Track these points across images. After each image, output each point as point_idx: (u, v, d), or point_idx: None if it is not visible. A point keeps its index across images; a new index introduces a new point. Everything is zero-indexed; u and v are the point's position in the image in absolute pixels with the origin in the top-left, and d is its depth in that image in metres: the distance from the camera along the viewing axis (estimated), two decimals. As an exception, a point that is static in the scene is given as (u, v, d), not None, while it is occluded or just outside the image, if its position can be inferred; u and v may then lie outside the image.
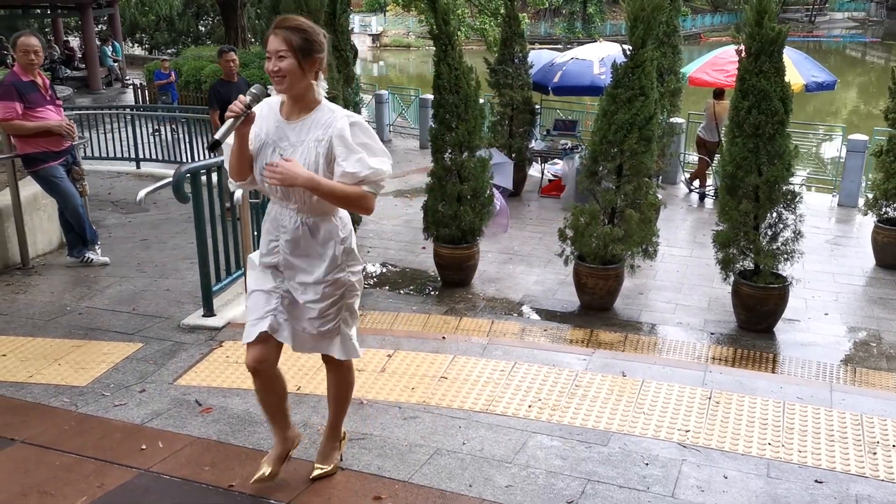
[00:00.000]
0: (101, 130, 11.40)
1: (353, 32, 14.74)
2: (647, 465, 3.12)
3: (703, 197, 12.75)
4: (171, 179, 4.59)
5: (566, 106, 15.98)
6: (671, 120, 12.24)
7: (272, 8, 19.50)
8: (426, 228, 8.98)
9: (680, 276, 9.08)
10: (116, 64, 25.81)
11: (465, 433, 3.38)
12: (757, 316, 7.27)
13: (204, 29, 32.10)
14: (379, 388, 3.84)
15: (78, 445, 3.28)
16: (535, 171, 13.69)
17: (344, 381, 3.09)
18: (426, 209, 8.94)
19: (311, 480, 3.01)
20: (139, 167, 10.78)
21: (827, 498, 2.93)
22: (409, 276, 9.49)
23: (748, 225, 7.06)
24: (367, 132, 2.71)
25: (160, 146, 12.33)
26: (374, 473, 3.08)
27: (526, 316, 8.24)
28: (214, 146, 2.62)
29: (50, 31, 27.07)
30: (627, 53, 7.47)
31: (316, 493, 2.95)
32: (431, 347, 4.34)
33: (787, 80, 6.84)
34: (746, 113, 6.82)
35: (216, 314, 4.76)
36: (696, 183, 13.00)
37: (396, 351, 4.28)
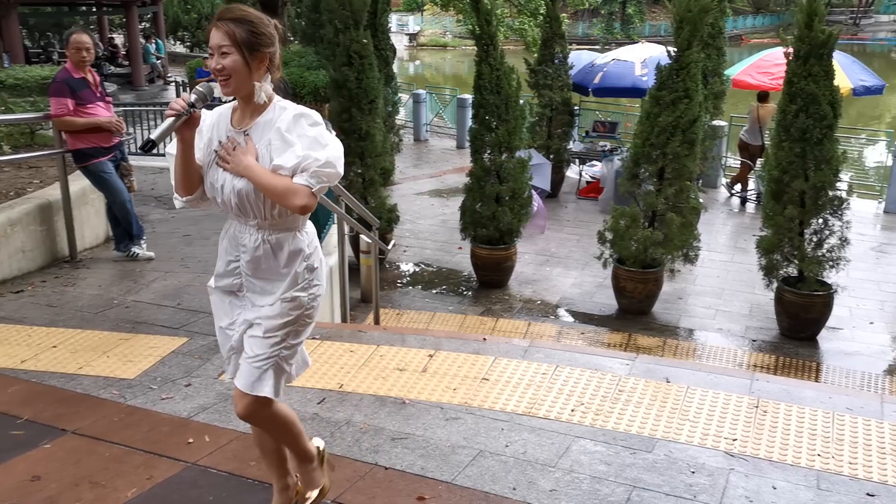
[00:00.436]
0: (144, 126, 11.59)
1: (390, 32, 14.78)
2: (693, 473, 3.08)
3: (744, 201, 12.58)
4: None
5: (605, 107, 15.86)
6: (714, 123, 12.09)
7: (313, 7, 19.69)
8: (463, 229, 8.99)
9: (720, 281, 8.97)
10: (159, 61, 26.22)
11: (507, 436, 3.38)
12: (800, 324, 7.16)
13: (244, 27, 32.39)
14: (421, 387, 3.85)
15: (127, 437, 3.34)
16: (572, 172, 13.62)
17: (276, 428, 2.60)
18: (464, 209, 8.94)
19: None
20: (181, 163, 10.90)
21: (879, 512, 2.87)
22: (444, 276, 9.50)
23: (793, 231, 6.95)
24: (314, 125, 2.38)
25: (201, 143, 12.47)
26: (417, 474, 3.08)
27: (563, 318, 8.21)
28: (147, 146, 2.28)
29: (95, 28, 27.55)
30: (672, 55, 7.40)
31: (360, 491, 2.96)
32: (472, 348, 4.34)
33: (835, 83, 6.72)
34: (794, 116, 6.72)
35: (259, 310, 4.80)
36: (737, 187, 12.83)
37: (437, 351, 4.29)
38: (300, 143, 2.33)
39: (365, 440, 3.34)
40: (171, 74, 25.78)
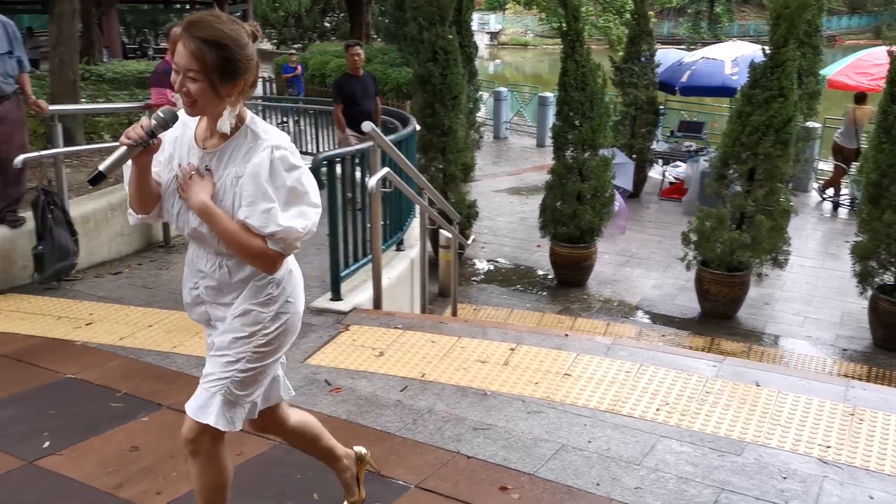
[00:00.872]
0: (232, 120, 11.94)
1: (472, 30, 14.81)
2: (784, 478, 2.99)
3: (836, 206, 12.10)
4: (307, 166, 4.74)
5: (690, 107, 15.51)
6: (807, 124, 11.67)
7: (397, 5, 19.89)
8: (543, 226, 8.95)
9: (810, 287, 8.66)
10: (247, 57, 26.92)
11: (590, 431, 3.34)
12: (897, 334, 6.85)
13: (329, 25, 33.08)
14: (503, 380, 3.85)
15: (218, 414, 3.45)
16: (656, 172, 13.38)
17: (208, 475, 2.28)
18: (544, 207, 8.90)
19: None
20: (267, 156, 11.20)
21: None
22: (522, 273, 9.47)
23: (891, 236, 6.66)
24: (291, 170, 2.06)
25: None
26: (499, 464, 3.08)
27: (643, 320, 8.07)
28: (95, 179, 2.01)
29: (187, 25, 28.51)
30: (767, 52, 7.17)
31: (442, 478, 2.98)
32: (554, 344, 4.31)
33: (943, 83, 6.40)
34: (896, 118, 6.43)
35: (343, 299, 4.89)
36: (829, 191, 12.35)
37: (519, 345, 4.28)
38: (276, 202, 2.03)
39: (447, 429, 3.36)
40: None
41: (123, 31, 29.04)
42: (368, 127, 4.81)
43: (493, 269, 9.69)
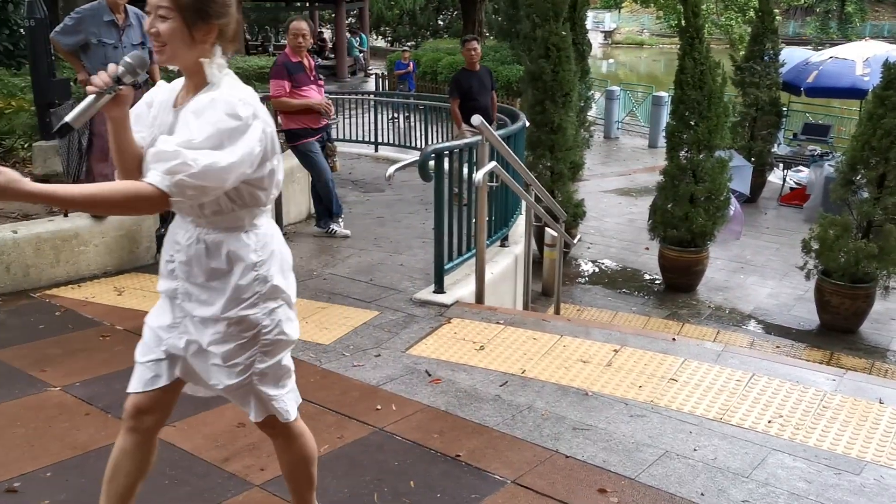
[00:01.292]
0: (345, 115, 12.23)
1: (587, 28, 14.58)
2: (909, 503, 2.78)
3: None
4: (416, 158, 4.79)
5: (815, 109, 14.74)
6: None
7: (510, 3, 19.81)
8: (652, 228, 8.72)
9: (944, 304, 8.06)
10: (362, 54, 27.57)
11: (696, 439, 3.21)
12: None
13: (443, 23, 33.39)
14: (605, 381, 3.76)
15: (321, 397, 3.53)
16: (775, 177, 12.79)
17: (290, 451, 2.32)
18: (654, 208, 8.67)
19: None
20: (377, 150, 11.41)
21: None
22: (629, 275, 9.26)
23: None
24: (232, 116, 1.86)
25: (397, 132, 13.00)
26: (598, 466, 3.01)
27: (756, 330, 7.73)
28: (62, 131, 1.88)
29: (307, 22, 29.43)
30: (904, 51, 6.71)
31: (540, 475, 2.94)
32: (660, 347, 4.18)
33: None
34: None
35: (446, 291, 4.91)
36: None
37: (623, 347, 4.17)
38: (197, 133, 1.84)
39: (546, 426, 3.31)
40: (371, 67, 27.04)
41: (246, 28, 30.29)
42: (477, 120, 4.81)
43: (598, 270, 9.51)
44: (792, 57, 12.20)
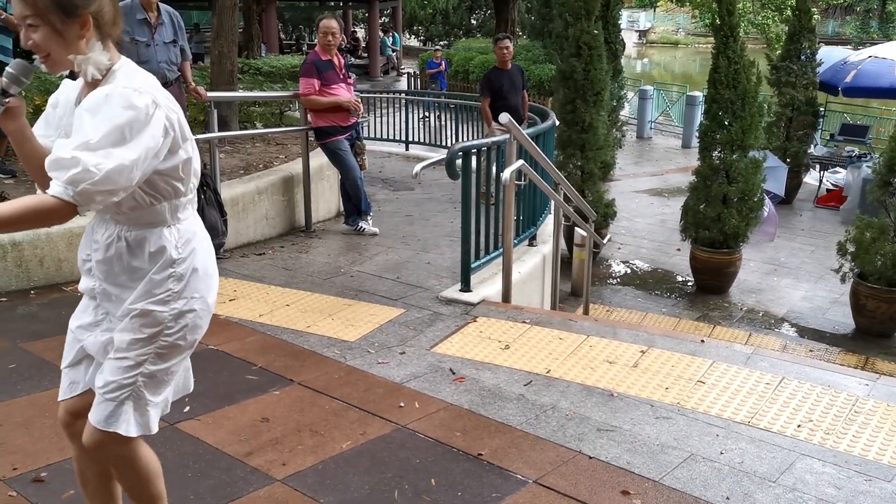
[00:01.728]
0: (376, 114, 12.27)
1: (620, 27, 14.45)
2: (943, 512, 2.70)
3: None
4: (444, 156, 4.78)
5: (853, 109, 14.45)
6: None
7: (543, 1, 19.73)
8: (684, 229, 8.61)
9: (985, 309, 7.84)
10: (394, 54, 27.66)
11: (722, 442, 3.16)
12: None
13: (475, 22, 33.36)
14: (630, 382, 3.71)
15: (345, 394, 3.53)
16: (811, 178, 12.57)
17: (129, 470, 2.07)
18: (686, 209, 8.56)
19: None
20: (408, 149, 11.43)
21: None
22: (659, 276, 9.16)
23: None
24: (128, 107, 1.75)
25: (427, 131, 13.01)
26: (622, 467, 2.97)
27: (789, 333, 7.60)
28: None
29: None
30: (946, 49, 6.55)
31: (562, 476, 2.91)
32: (688, 349, 4.12)
33: None
34: None
35: (472, 290, 4.90)
36: None
37: (650, 348, 4.12)
38: (94, 130, 1.72)
39: (570, 427, 3.28)
40: (403, 66, 27.11)
41: (280, 27, 30.55)
42: (505, 119, 4.78)
43: (628, 270, 9.43)
44: (829, 56, 11.97)
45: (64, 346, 2.11)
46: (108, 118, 1.73)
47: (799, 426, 3.30)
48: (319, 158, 6.72)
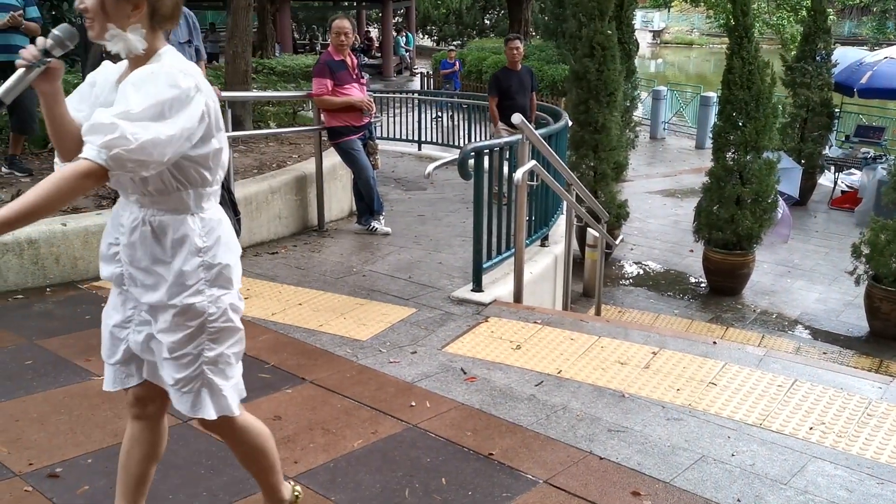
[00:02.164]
0: (389, 114, 12.30)
1: (634, 27, 14.41)
2: (956, 517, 2.69)
3: None
4: (456, 157, 4.79)
5: (869, 111, 14.34)
6: None
7: (557, 2, 19.71)
8: (697, 230, 8.59)
9: None
10: (408, 53, 27.70)
11: (734, 444, 3.16)
12: None
13: (489, 22, 33.35)
14: (642, 383, 3.71)
15: (356, 393, 3.55)
16: (826, 180, 12.50)
17: (242, 445, 2.28)
18: (699, 210, 8.54)
19: None
20: (420, 149, 11.45)
21: None
22: (672, 278, 9.14)
23: None
24: (172, 86, 1.81)
25: (440, 131, 13.02)
26: (633, 468, 2.98)
27: (802, 335, 7.57)
28: None
29: (354, 22, 29.72)
30: (963, 50, 6.49)
31: (573, 476, 2.92)
32: (700, 351, 4.11)
33: None
34: None
35: (484, 290, 4.90)
36: None
37: (662, 349, 4.11)
38: (135, 105, 1.77)
39: (581, 427, 3.28)
40: (417, 66, 27.14)
41: (294, 27, 30.66)
42: (518, 119, 4.79)
43: (641, 271, 9.41)
44: (845, 57, 11.89)
45: (75, 339, 2.14)
46: (151, 93, 1.79)
47: (811, 428, 3.29)
48: (332, 158, 6.75)
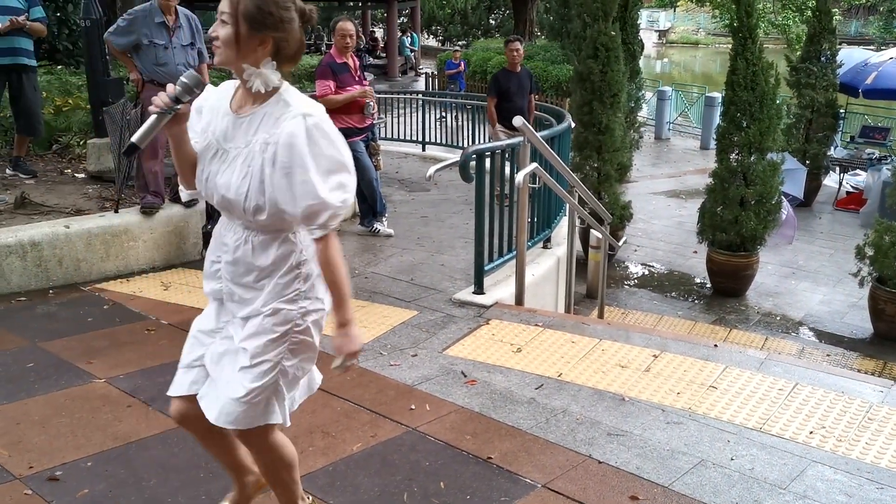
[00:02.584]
0: (393, 114, 12.30)
1: (639, 28, 14.38)
2: (955, 522, 2.68)
3: None
4: (458, 159, 4.79)
5: (875, 111, 14.29)
6: None
7: (562, 2, 19.66)
8: (701, 231, 8.57)
9: None
10: (413, 54, 27.69)
11: (733, 448, 3.15)
12: None
13: (494, 22, 33.32)
14: (642, 387, 3.71)
15: (357, 396, 3.56)
16: (831, 181, 12.46)
17: (268, 455, 2.29)
18: (703, 211, 8.52)
19: None
20: (424, 150, 11.44)
21: None
22: (676, 279, 9.12)
23: None
24: (328, 138, 1.97)
25: (445, 131, 13.01)
26: (632, 472, 2.97)
27: (806, 337, 7.55)
28: (130, 151, 2.02)
29: (359, 22, 29.68)
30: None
31: (571, 480, 2.92)
32: (701, 354, 4.11)
33: None
34: None
35: (486, 292, 4.90)
36: None
37: (663, 352, 4.11)
38: (316, 168, 1.94)
39: (580, 431, 3.28)
40: (422, 66, 27.13)
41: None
42: (519, 121, 4.79)
43: (645, 273, 9.39)
44: (850, 57, 11.85)
45: (77, 341, 2.16)
46: (325, 151, 1.97)
47: (811, 432, 3.29)
48: (335, 160, 6.75)
